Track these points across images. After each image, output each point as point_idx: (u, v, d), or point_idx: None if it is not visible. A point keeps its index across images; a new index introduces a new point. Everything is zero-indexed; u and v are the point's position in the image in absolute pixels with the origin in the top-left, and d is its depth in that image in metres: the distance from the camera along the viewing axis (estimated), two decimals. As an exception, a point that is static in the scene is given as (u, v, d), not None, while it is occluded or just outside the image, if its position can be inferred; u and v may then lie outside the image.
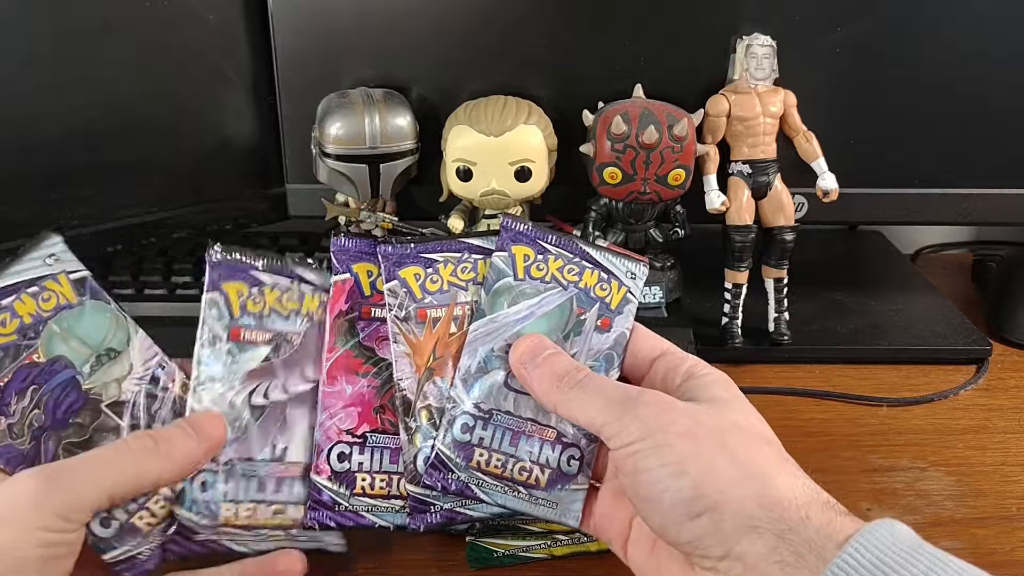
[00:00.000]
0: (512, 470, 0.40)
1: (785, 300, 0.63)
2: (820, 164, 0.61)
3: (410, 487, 0.41)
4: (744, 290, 0.62)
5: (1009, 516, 0.48)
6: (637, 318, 0.42)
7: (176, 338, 0.58)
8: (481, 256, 0.42)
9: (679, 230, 0.61)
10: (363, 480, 0.41)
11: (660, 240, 0.62)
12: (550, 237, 0.42)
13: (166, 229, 0.64)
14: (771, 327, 0.63)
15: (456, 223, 0.61)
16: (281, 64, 0.62)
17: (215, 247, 0.41)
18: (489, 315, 0.41)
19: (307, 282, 0.42)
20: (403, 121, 0.58)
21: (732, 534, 0.32)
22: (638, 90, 0.59)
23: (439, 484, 0.40)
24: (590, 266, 0.42)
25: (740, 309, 0.62)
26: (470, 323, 0.41)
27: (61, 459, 0.38)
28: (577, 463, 0.41)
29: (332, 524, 0.41)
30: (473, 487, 0.40)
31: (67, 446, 0.38)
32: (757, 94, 0.59)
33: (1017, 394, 0.60)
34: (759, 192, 0.61)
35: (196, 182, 0.64)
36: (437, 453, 0.40)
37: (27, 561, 0.33)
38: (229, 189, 0.66)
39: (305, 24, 0.61)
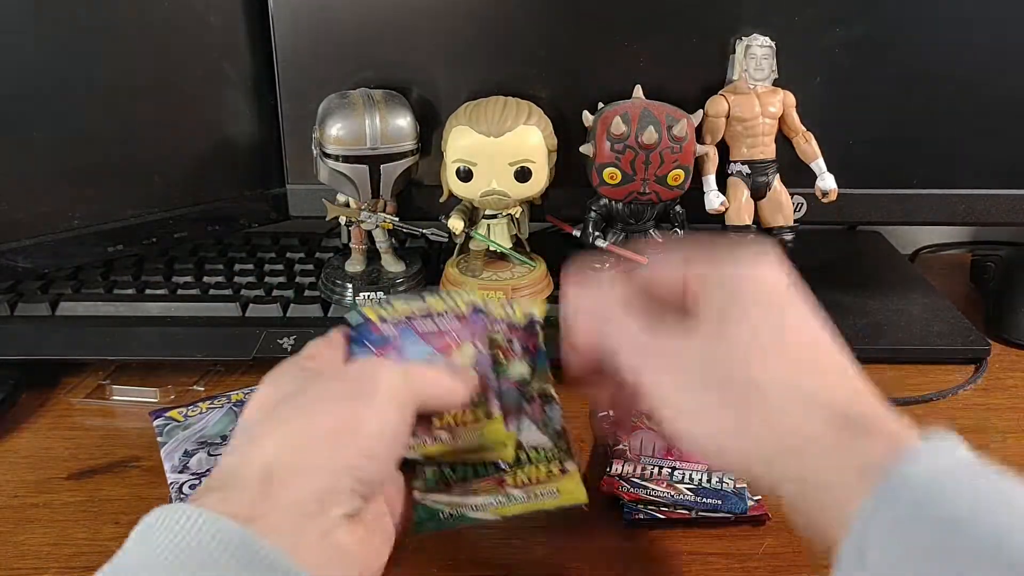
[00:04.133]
0: None
1: (784, 300, 0.63)
2: (819, 164, 0.61)
3: None
4: (744, 290, 0.62)
5: (1008, 516, 0.48)
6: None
7: (177, 338, 0.59)
8: None
9: (679, 230, 0.62)
10: None
11: (660, 240, 0.62)
12: None
13: (167, 229, 0.64)
14: (770, 327, 0.63)
15: (456, 223, 0.61)
16: (281, 64, 0.62)
17: None
18: None
19: None
20: (403, 122, 0.58)
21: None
22: (638, 90, 0.59)
23: None
24: None
25: (740, 309, 0.62)
26: None
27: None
28: None
29: None
30: None
31: None
32: (756, 95, 0.59)
33: (1016, 393, 0.60)
34: (758, 192, 0.61)
35: (196, 182, 0.64)
36: None
37: (390, 426, 0.37)
38: (229, 189, 0.66)
39: (305, 24, 0.61)
